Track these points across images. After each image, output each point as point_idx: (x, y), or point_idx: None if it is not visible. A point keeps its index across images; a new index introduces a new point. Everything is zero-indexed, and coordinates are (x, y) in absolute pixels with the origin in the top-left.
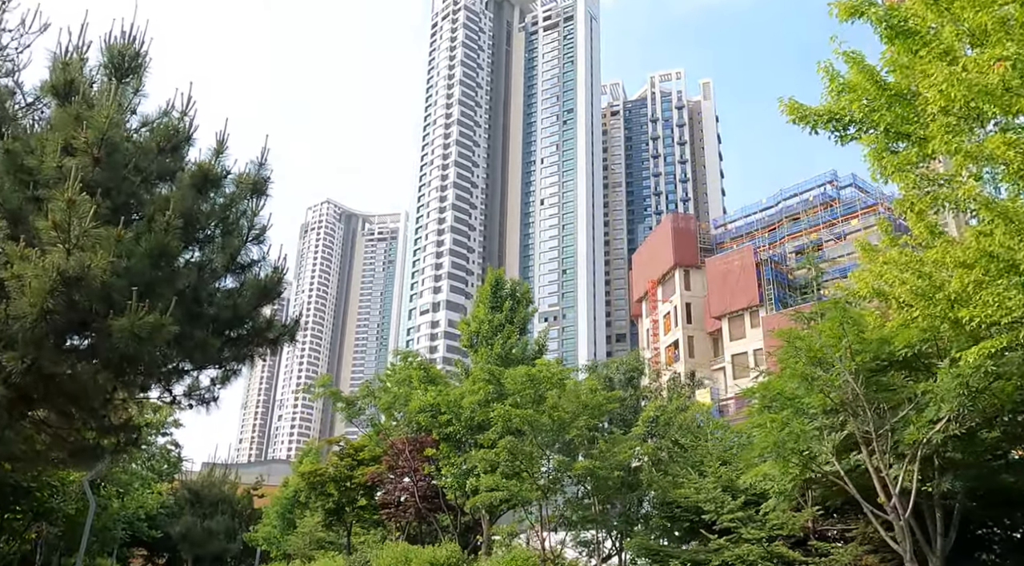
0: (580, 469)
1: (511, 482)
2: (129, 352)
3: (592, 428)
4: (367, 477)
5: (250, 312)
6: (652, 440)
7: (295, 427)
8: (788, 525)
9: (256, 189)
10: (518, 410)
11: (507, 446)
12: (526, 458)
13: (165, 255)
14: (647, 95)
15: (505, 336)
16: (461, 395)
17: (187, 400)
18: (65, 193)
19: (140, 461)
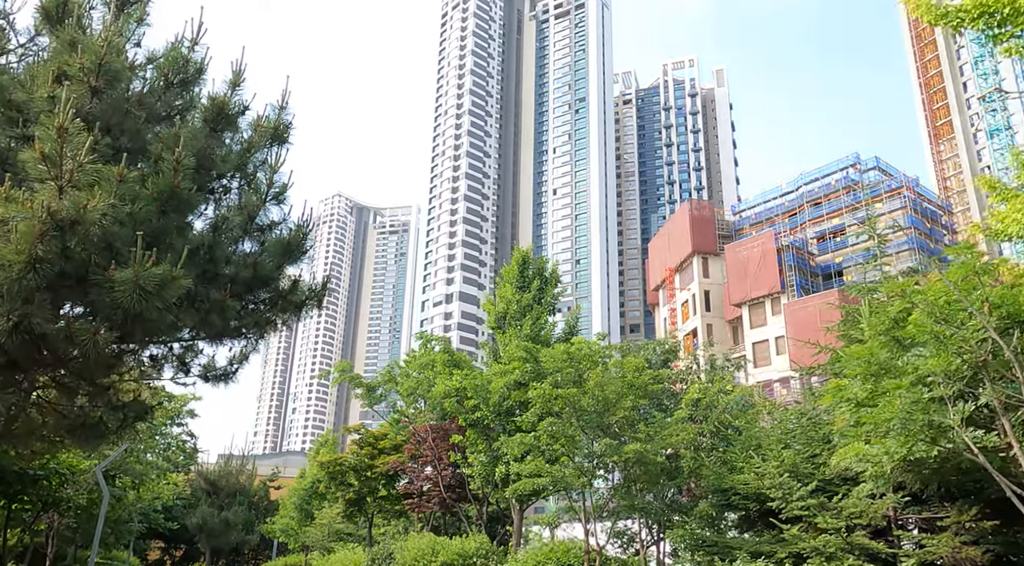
0: (630, 453)
1: (554, 467)
2: (134, 309)
3: (637, 410)
4: (389, 466)
5: (272, 273)
6: (696, 424)
7: (309, 420)
8: (868, 514)
9: (277, 136)
10: (560, 389)
11: (548, 428)
12: (568, 441)
13: (175, 200)
14: (660, 83)
15: (534, 316)
16: (489, 379)
17: (203, 378)
18: (55, 119)
19: (156, 450)
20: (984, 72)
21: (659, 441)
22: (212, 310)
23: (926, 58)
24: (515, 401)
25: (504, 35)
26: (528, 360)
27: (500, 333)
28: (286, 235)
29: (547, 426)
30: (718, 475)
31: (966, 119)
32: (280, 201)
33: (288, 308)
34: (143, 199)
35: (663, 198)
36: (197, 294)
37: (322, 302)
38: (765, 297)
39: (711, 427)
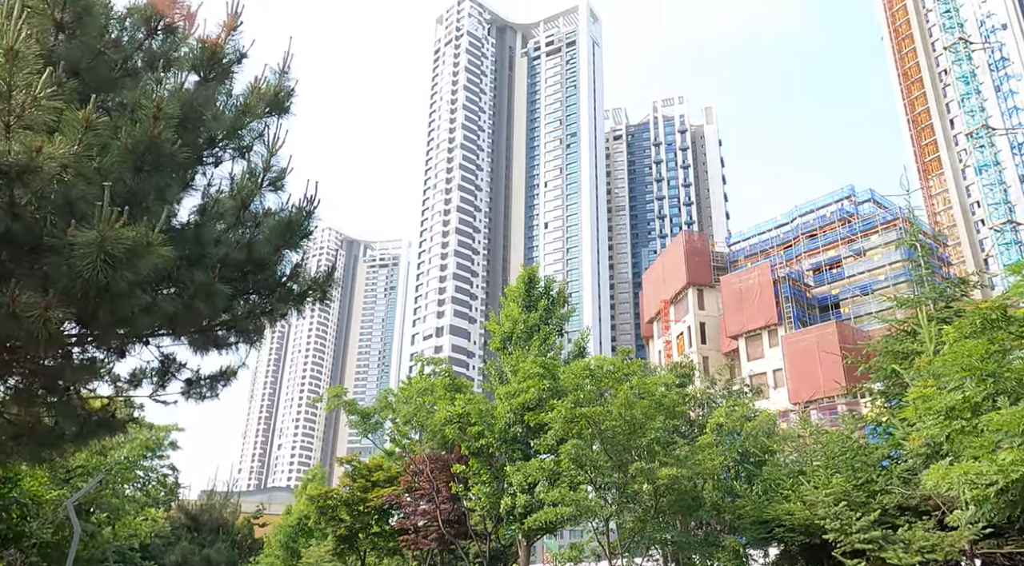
0: (664, 478)
1: (579, 494)
2: (98, 280)
3: (668, 431)
4: (383, 499)
5: (269, 256)
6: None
7: (295, 456)
8: (942, 547)
9: (276, 103)
10: (586, 408)
11: (571, 451)
12: (591, 466)
13: (154, 154)
14: (650, 119)
15: (542, 337)
16: (495, 404)
17: (185, 393)
18: (3, 39)
19: (134, 483)
20: (971, 109)
21: (692, 466)
22: (197, 295)
23: (913, 95)
24: (529, 424)
25: (496, 71)
26: (545, 376)
27: (505, 354)
28: (287, 213)
29: (570, 449)
30: (757, 505)
31: (954, 155)
32: (278, 188)
33: (287, 298)
34: (115, 152)
35: (653, 232)
36: (179, 277)
37: (326, 295)
38: (762, 329)
39: (736, 454)
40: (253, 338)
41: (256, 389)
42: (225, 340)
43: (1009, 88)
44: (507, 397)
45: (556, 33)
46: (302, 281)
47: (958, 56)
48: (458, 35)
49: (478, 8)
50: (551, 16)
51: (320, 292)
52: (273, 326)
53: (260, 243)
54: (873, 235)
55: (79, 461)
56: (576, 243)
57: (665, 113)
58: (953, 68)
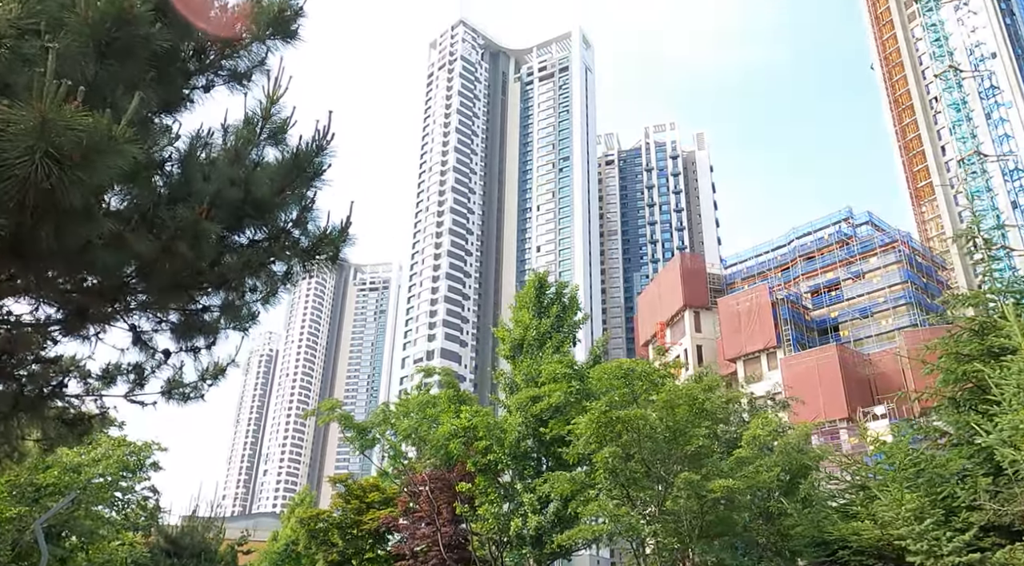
0: (719, 490)
1: (622, 510)
2: (38, 180)
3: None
4: (379, 522)
5: (271, 198)
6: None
7: (281, 482)
8: None
9: (280, 25)
10: (623, 412)
11: (609, 461)
12: (628, 478)
13: (123, 35)
14: (642, 145)
15: (555, 344)
16: (505, 416)
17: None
18: None
19: (110, 503)
20: (962, 136)
21: (744, 479)
22: (180, 235)
23: (904, 122)
24: (542, 437)
25: (489, 95)
26: (573, 377)
27: (514, 363)
28: (295, 145)
29: (607, 457)
30: (816, 524)
31: (946, 181)
32: (279, 141)
33: (293, 252)
34: (72, 29)
35: (645, 257)
36: (157, 216)
37: (338, 254)
38: (761, 352)
39: (778, 469)
40: (246, 322)
41: (242, 413)
42: (212, 327)
43: (1000, 116)
44: (520, 408)
45: (549, 59)
46: (311, 233)
47: (948, 84)
48: (451, 59)
49: (471, 33)
50: (544, 42)
51: (333, 250)
52: (273, 295)
53: (260, 180)
54: (872, 257)
55: (50, 479)
56: (568, 267)
57: (657, 139)
58: (944, 95)
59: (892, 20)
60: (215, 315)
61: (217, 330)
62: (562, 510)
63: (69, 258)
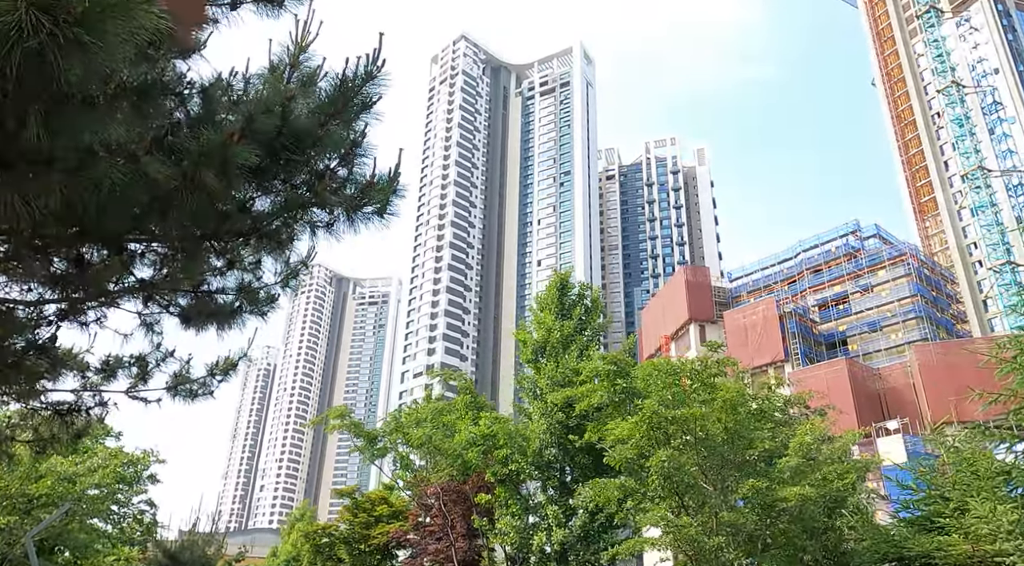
0: (793, 498)
1: (682, 519)
2: (23, 42)
3: (779, 442)
4: (389, 536)
5: (313, 129)
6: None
7: (278, 498)
8: None
9: None
10: (679, 411)
11: (665, 465)
12: (684, 484)
13: None
14: (642, 160)
15: (580, 347)
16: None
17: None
18: None
19: (105, 515)
20: (965, 151)
21: (816, 487)
22: (205, 161)
23: (907, 138)
24: (567, 445)
25: (490, 110)
26: (618, 374)
27: (536, 367)
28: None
29: (663, 461)
30: (888, 538)
31: (949, 196)
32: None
33: (338, 194)
34: None
35: (646, 272)
36: (177, 143)
37: (387, 207)
38: (768, 365)
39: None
40: (264, 307)
41: (239, 428)
42: (227, 311)
43: (1003, 131)
44: (545, 414)
45: (550, 74)
46: (356, 178)
47: (951, 99)
48: (453, 74)
49: (473, 48)
50: (545, 57)
51: (382, 201)
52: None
53: (299, 108)
54: (880, 270)
55: (43, 489)
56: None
57: (657, 154)
58: (947, 111)
59: (893, 36)
60: (230, 298)
61: (232, 315)
62: (589, 523)
63: (65, 169)
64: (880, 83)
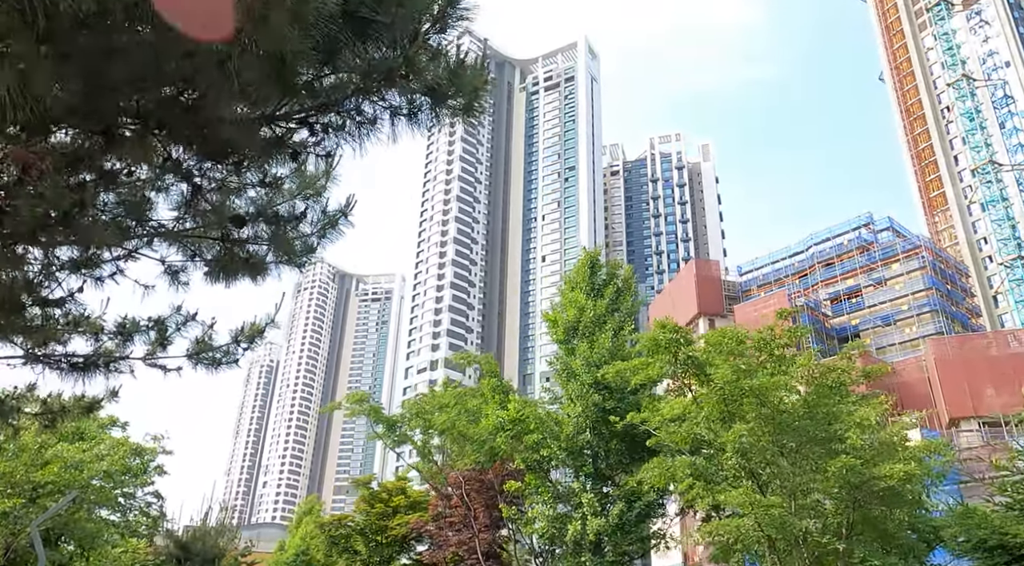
0: (897, 477)
1: (771, 499)
2: None
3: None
4: (410, 527)
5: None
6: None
7: (280, 494)
8: None
9: None
10: (757, 381)
11: (744, 440)
12: (761, 462)
13: None
14: (647, 156)
15: (615, 326)
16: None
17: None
18: None
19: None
20: (976, 145)
21: (912, 465)
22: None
23: (916, 132)
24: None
25: (494, 105)
26: (682, 342)
27: (567, 349)
28: None
29: (741, 435)
30: (986, 523)
31: (959, 191)
32: None
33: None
34: None
35: (651, 268)
36: None
37: (476, 102)
38: None
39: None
40: (300, 258)
41: (242, 425)
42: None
43: (1014, 125)
44: (580, 396)
45: (555, 69)
46: (446, 51)
47: (962, 93)
48: None
49: (478, 43)
50: (550, 52)
51: (471, 92)
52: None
53: None
54: (894, 263)
55: (49, 476)
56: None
57: (662, 150)
58: (957, 104)
59: (903, 30)
60: (263, 249)
61: (264, 268)
62: (626, 512)
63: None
64: (888, 77)
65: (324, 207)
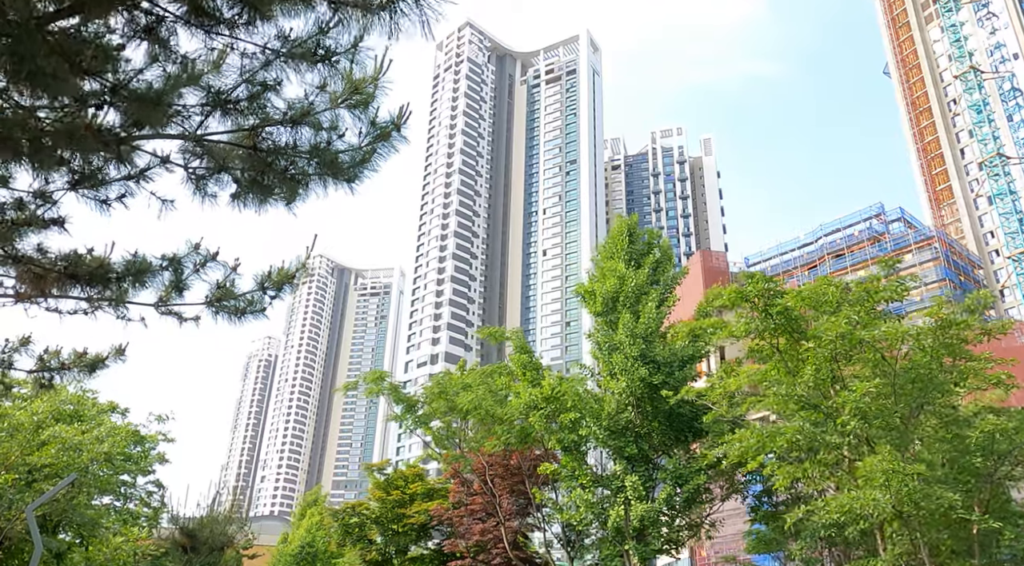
0: None
1: (917, 466)
2: None
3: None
4: (431, 513)
5: None
6: None
7: (279, 488)
8: None
9: None
10: (881, 329)
11: (868, 398)
12: (883, 424)
13: None
14: (648, 150)
15: (656, 299)
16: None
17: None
18: None
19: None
20: (983, 138)
21: None
22: None
23: (922, 125)
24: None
25: (496, 98)
26: (775, 295)
27: (606, 321)
28: None
29: (868, 392)
30: None
31: (966, 184)
32: None
33: None
34: None
35: None
36: None
37: None
38: None
39: None
40: (346, 173)
41: (240, 419)
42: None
43: (1022, 118)
44: (625, 370)
45: (556, 62)
46: None
47: (969, 85)
48: (458, 61)
49: (479, 35)
50: (551, 45)
51: None
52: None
53: None
54: (906, 254)
55: (46, 458)
56: (575, 271)
57: (664, 144)
58: (964, 97)
59: (909, 22)
60: (299, 163)
61: (306, 181)
62: (673, 496)
63: None
64: (894, 70)
65: (373, 118)
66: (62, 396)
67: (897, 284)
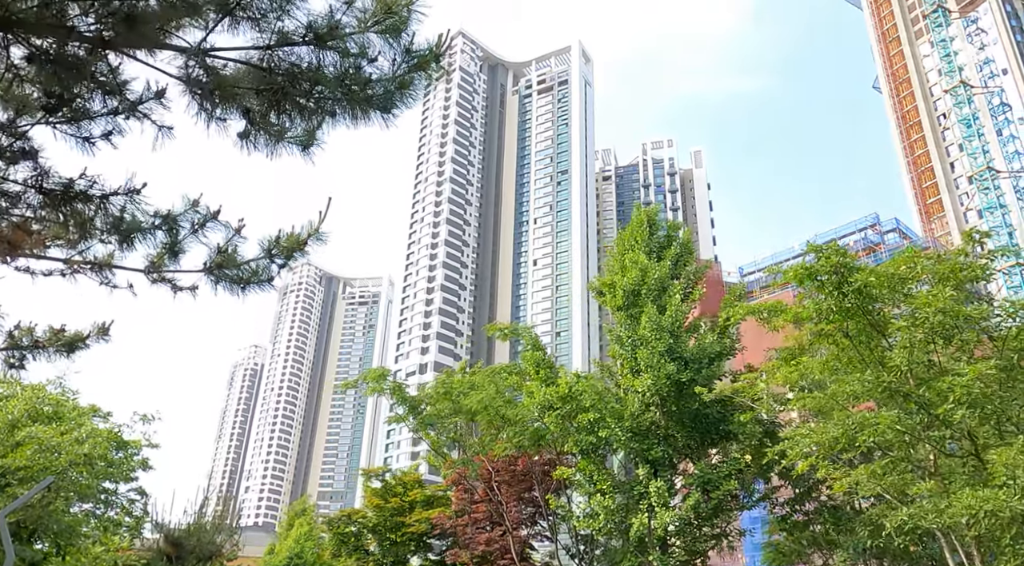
0: None
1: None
2: None
3: None
4: (433, 521)
5: None
6: None
7: (263, 499)
8: None
9: None
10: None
11: (970, 387)
12: (993, 415)
13: None
14: (639, 162)
15: (680, 293)
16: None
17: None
18: None
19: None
20: (973, 152)
21: None
22: None
23: (912, 139)
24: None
25: (487, 107)
26: (850, 271)
27: (627, 316)
28: None
29: (976, 381)
30: None
31: (955, 198)
32: None
33: None
34: None
35: None
36: None
37: None
38: None
39: None
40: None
41: (224, 429)
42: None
43: (1011, 133)
44: (651, 366)
45: (548, 72)
46: None
47: (959, 100)
48: (449, 70)
49: (470, 45)
50: (543, 55)
51: None
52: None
53: None
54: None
55: (21, 460)
56: (566, 281)
57: (654, 156)
58: (954, 111)
59: (899, 37)
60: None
61: (332, 112)
62: (701, 503)
63: None
64: (884, 85)
65: (408, 45)
66: (40, 394)
67: (986, 260)
